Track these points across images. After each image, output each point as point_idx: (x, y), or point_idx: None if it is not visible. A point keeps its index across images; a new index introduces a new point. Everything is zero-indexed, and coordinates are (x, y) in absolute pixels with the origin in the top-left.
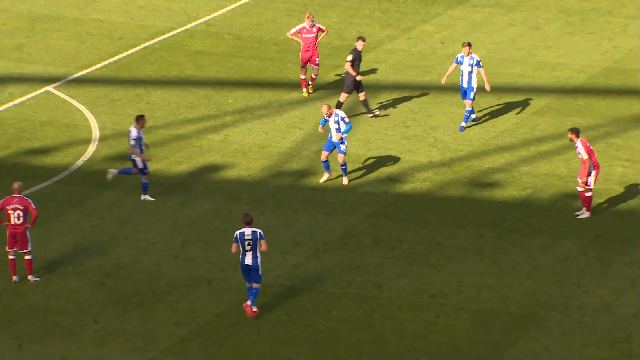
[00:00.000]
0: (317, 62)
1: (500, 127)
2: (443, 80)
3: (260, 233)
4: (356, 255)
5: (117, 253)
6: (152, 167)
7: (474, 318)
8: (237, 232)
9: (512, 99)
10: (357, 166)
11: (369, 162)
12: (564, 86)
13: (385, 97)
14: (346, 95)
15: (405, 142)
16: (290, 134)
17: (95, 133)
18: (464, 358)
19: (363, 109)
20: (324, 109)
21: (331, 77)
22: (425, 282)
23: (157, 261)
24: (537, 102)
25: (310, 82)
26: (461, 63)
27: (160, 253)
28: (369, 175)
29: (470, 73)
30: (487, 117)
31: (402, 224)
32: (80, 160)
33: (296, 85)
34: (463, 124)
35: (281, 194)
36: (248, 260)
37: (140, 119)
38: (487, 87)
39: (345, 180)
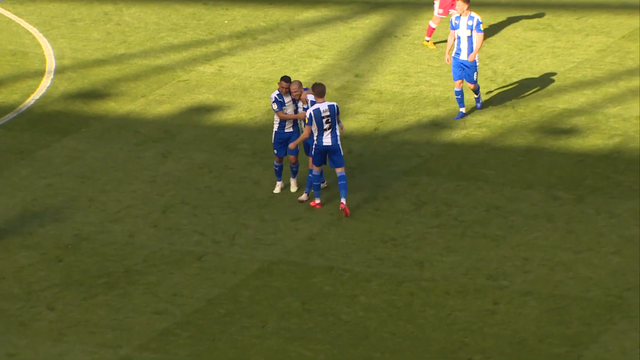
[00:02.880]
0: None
1: (580, 55)
2: (447, 60)
3: (337, 107)
4: (390, 224)
5: (78, 220)
6: (124, 107)
7: (544, 306)
8: (311, 110)
9: (595, 18)
10: (392, 108)
11: (407, 102)
12: None
13: (426, 16)
14: None
15: None
16: (304, 65)
17: (51, 63)
18: (530, 357)
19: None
20: (295, 86)
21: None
22: (481, 259)
23: (130, 231)
24: (628, 22)
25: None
26: (457, 27)
27: (135, 220)
28: (407, 120)
29: (469, 39)
30: (563, 42)
31: (450, 183)
32: (30, 98)
33: (312, 1)
34: (462, 110)
35: None
36: (327, 140)
37: (279, 82)
38: (471, 56)
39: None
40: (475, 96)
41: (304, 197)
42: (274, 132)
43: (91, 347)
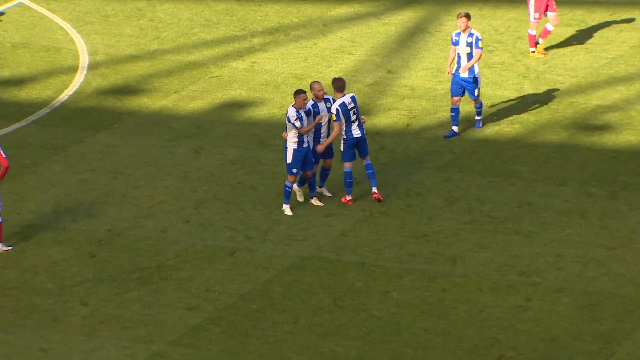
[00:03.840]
0: (555, 6)
1: (613, 51)
2: (448, 72)
3: (354, 96)
4: (423, 220)
5: (111, 215)
6: (157, 102)
7: (577, 302)
8: (337, 106)
9: (629, 14)
10: (424, 104)
11: (439, 98)
12: None
13: (459, 12)
14: None
15: (488, 71)
16: (337, 61)
17: (84, 59)
18: (563, 354)
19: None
20: (319, 84)
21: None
22: (514, 256)
23: (163, 226)
24: None
25: (540, 40)
26: (457, 43)
27: (168, 216)
28: (440, 116)
29: (469, 56)
30: (597, 39)
31: (483, 180)
32: (63, 94)
33: None
34: (454, 128)
35: None
36: (357, 131)
37: (298, 95)
38: (462, 70)
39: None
40: (477, 117)
41: (328, 194)
42: (292, 151)
43: (124, 342)
